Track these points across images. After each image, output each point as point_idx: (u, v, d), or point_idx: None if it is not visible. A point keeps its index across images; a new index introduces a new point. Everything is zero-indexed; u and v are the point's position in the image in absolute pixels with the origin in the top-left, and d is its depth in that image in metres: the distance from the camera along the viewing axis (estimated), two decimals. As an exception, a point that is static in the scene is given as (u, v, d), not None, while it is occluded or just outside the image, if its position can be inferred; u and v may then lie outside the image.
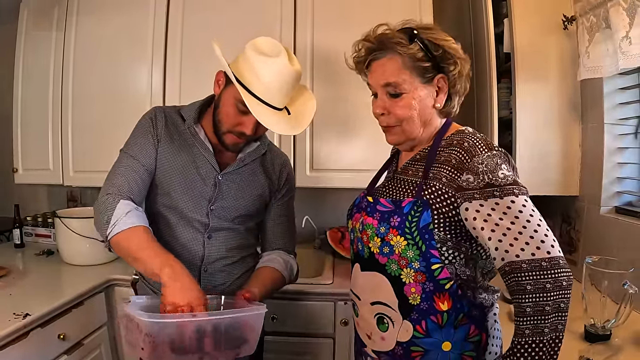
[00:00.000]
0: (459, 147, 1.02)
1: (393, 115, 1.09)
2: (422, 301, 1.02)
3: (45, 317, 1.63)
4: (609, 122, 1.73)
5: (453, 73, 1.06)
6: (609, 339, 1.33)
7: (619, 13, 1.48)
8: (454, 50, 1.06)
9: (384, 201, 1.09)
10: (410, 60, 1.04)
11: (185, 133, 1.39)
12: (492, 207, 0.94)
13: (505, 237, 0.90)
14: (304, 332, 1.92)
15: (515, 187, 0.95)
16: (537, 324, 0.85)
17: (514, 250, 0.89)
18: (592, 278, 1.37)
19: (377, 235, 1.05)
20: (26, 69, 2.43)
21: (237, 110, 1.28)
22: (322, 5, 2.16)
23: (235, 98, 1.26)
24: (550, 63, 1.88)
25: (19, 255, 2.38)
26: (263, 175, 1.47)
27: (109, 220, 1.21)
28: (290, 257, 1.53)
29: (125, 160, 1.33)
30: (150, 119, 1.38)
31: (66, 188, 2.69)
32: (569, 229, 2.01)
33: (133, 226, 1.19)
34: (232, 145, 1.34)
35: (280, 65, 1.23)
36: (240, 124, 1.29)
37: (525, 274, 0.86)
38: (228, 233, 1.42)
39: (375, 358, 1.13)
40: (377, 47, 1.08)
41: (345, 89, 2.10)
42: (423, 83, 1.06)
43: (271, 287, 1.39)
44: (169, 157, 1.36)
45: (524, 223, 0.90)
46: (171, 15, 2.23)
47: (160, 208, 1.40)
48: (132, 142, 1.36)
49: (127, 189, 1.27)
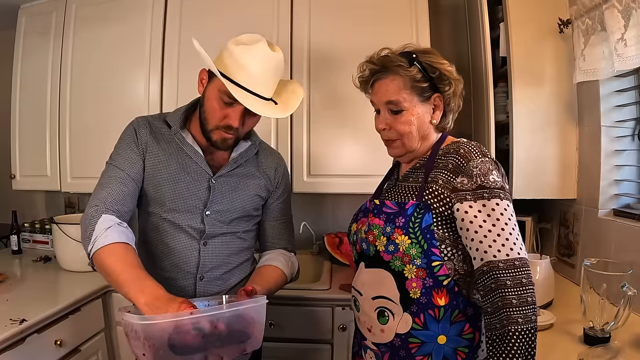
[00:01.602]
0: (456, 154, 1.12)
1: (394, 130, 1.20)
2: (421, 295, 1.11)
3: (42, 323, 1.62)
4: (606, 125, 1.73)
5: (448, 93, 1.18)
6: (608, 341, 1.32)
7: (614, 15, 1.48)
8: (449, 73, 1.18)
9: (390, 203, 1.19)
10: (410, 80, 1.16)
11: (172, 140, 1.37)
12: (479, 209, 1.06)
13: (486, 238, 1.03)
14: (302, 338, 1.91)
15: (501, 192, 1.07)
16: (527, 313, 0.97)
17: (491, 251, 1.02)
18: (591, 281, 1.36)
19: (384, 234, 1.15)
20: (24, 75, 2.44)
21: (222, 103, 1.26)
22: (319, 7, 2.18)
23: (219, 90, 1.25)
24: (547, 66, 1.88)
25: (17, 261, 2.37)
26: (258, 175, 1.46)
27: (90, 235, 1.18)
28: (291, 255, 1.54)
29: (110, 171, 1.31)
30: (134, 128, 1.37)
31: (64, 194, 2.69)
32: (567, 232, 2.00)
33: (112, 243, 1.16)
34: (220, 141, 1.31)
35: (260, 52, 1.23)
36: (226, 116, 1.27)
37: (502, 271, 1.00)
38: (224, 238, 1.41)
39: (374, 349, 1.20)
40: (380, 69, 1.19)
41: (342, 88, 2.11)
42: (421, 101, 1.18)
43: (273, 285, 1.39)
44: (157, 166, 1.35)
45: (502, 225, 1.04)
46: (168, 22, 2.25)
47: (152, 217, 1.38)
48: (116, 152, 1.35)
49: (111, 201, 1.25)
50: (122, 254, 1.16)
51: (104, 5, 2.31)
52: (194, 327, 1.07)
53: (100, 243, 1.16)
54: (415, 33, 2.10)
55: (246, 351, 1.19)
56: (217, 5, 2.20)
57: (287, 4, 2.19)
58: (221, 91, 1.25)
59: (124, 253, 1.16)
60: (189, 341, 1.06)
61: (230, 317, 1.12)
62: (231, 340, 1.13)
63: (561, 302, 1.69)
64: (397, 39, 2.00)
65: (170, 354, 1.05)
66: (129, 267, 1.14)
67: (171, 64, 2.24)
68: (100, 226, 1.19)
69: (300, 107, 2.14)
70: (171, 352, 1.05)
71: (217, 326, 1.09)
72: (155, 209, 1.37)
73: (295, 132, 2.18)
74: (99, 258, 1.16)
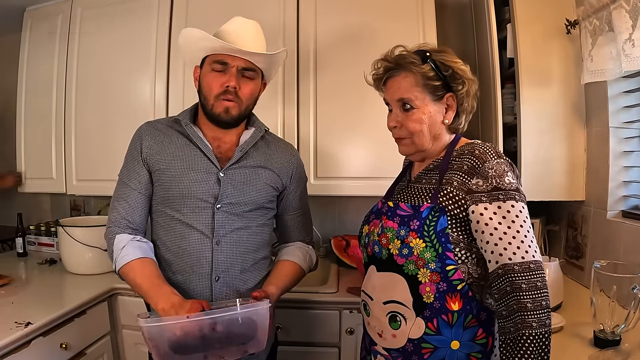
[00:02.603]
0: (471, 155, 1.11)
1: (405, 128, 1.19)
2: (435, 300, 1.10)
3: (48, 326, 1.62)
4: (614, 126, 1.73)
5: (461, 92, 1.17)
6: (618, 344, 1.31)
7: (622, 15, 1.48)
8: (462, 72, 1.16)
9: (404, 206, 1.18)
10: (423, 78, 1.15)
11: (178, 137, 1.42)
12: (494, 211, 1.05)
13: (501, 240, 1.02)
14: (309, 341, 1.90)
15: (517, 194, 1.06)
16: (541, 317, 0.97)
17: (507, 254, 1.01)
18: (601, 283, 1.35)
19: (398, 237, 1.13)
20: (30, 78, 2.44)
21: (216, 73, 1.36)
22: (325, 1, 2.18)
23: (210, 63, 1.37)
24: (554, 67, 1.88)
25: (22, 264, 2.38)
26: (269, 166, 1.47)
27: (110, 254, 1.36)
28: (309, 247, 1.58)
29: (119, 188, 1.42)
30: (138, 137, 1.44)
31: (69, 197, 2.69)
32: (576, 234, 1.99)
33: (128, 262, 1.30)
34: (224, 112, 1.37)
35: (236, 21, 1.40)
36: (222, 83, 1.35)
37: (518, 274, 0.99)
38: (237, 235, 1.40)
39: (385, 355, 1.18)
40: (394, 66, 1.19)
41: (349, 82, 2.11)
42: (433, 100, 1.17)
43: (290, 281, 1.45)
44: (164, 168, 1.38)
45: (517, 228, 1.03)
46: (174, 24, 2.25)
47: (164, 219, 1.41)
48: (124, 166, 1.44)
49: (121, 219, 1.37)
50: (139, 269, 1.31)
51: (109, 8, 2.32)
52: (196, 329, 1.16)
53: (120, 263, 1.32)
54: (422, 28, 2.09)
55: (248, 352, 1.24)
56: (223, 7, 2.19)
57: (292, 5, 2.20)
58: (213, 61, 1.36)
59: (140, 267, 1.31)
60: (188, 342, 1.16)
61: (229, 320, 1.19)
62: (231, 342, 1.21)
63: (570, 304, 1.68)
64: (405, 33, 2.05)
65: (170, 353, 1.15)
66: (146, 278, 1.29)
67: (177, 66, 2.24)
68: (116, 247, 1.34)
69: (307, 101, 2.17)
70: (171, 352, 1.15)
71: (215, 328, 1.18)
72: (166, 211, 1.39)
73: (302, 132, 2.17)
74: (123, 275, 1.33)
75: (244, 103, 1.39)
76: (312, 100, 2.16)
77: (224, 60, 1.34)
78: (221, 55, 1.34)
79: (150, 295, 1.26)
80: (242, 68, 1.36)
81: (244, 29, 1.38)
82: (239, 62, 1.35)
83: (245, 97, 1.39)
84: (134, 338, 2.01)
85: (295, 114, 2.17)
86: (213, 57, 1.36)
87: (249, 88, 1.39)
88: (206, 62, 1.39)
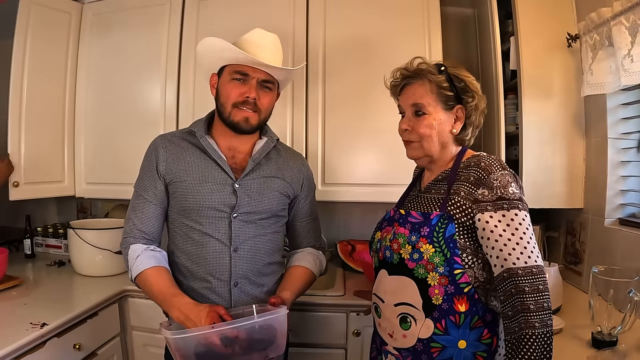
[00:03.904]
0: (477, 167, 1.18)
1: (415, 132, 1.26)
2: (443, 302, 1.16)
3: (62, 327, 1.65)
4: (613, 137, 1.78)
5: (470, 105, 1.25)
6: (615, 345, 1.36)
7: (622, 32, 1.53)
8: (474, 86, 1.25)
9: (415, 213, 1.24)
10: (437, 87, 1.23)
11: (192, 150, 1.45)
12: (499, 219, 1.11)
13: (505, 246, 1.08)
14: (316, 343, 1.94)
15: (520, 203, 1.13)
16: (543, 317, 1.03)
17: (511, 259, 1.07)
18: (598, 287, 1.41)
19: (409, 243, 1.20)
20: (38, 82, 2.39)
21: (236, 82, 1.40)
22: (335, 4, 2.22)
23: (231, 72, 1.40)
24: (555, 80, 1.93)
25: (30, 265, 2.40)
26: (281, 174, 1.51)
27: (126, 263, 1.40)
28: (319, 252, 1.62)
29: (134, 200, 1.46)
30: (154, 150, 1.46)
31: (77, 200, 2.71)
32: (574, 241, 2.05)
33: (142, 271, 1.35)
34: (243, 121, 1.41)
35: (257, 33, 1.43)
36: (242, 93, 1.39)
37: (521, 278, 1.05)
38: (254, 242, 1.45)
39: (396, 354, 1.25)
40: (412, 75, 1.27)
41: (357, 85, 2.15)
42: (444, 109, 1.24)
43: (302, 286, 1.50)
44: (180, 181, 1.42)
45: (521, 235, 1.09)
46: (185, 30, 2.28)
47: (182, 229, 1.44)
48: (139, 178, 1.48)
49: (135, 230, 1.42)
50: (153, 278, 1.35)
51: (120, 13, 2.34)
52: (219, 338, 1.20)
53: (135, 272, 1.36)
54: (428, 40, 2.14)
55: (269, 357, 1.28)
56: (234, 15, 2.23)
57: (302, 13, 2.23)
58: (233, 71, 1.40)
59: (154, 277, 1.35)
60: (213, 350, 1.20)
61: (251, 327, 1.23)
62: (253, 348, 1.25)
63: (569, 308, 1.73)
64: (411, 43, 2.10)
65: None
66: (159, 287, 1.34)
67: (187, 72, 2.26)
68: (131, 257, 1.38)
69: (315, 109, 2.20)
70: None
71: (238, 336, 1.22)
72: (183, 221, 1.43)
73: (310, 139, 2.21)
74: (138, 284, 1.38)
75: (263, 113, 1.44)
76: (321, 108, 2.20)
77: (245, 72, 1.39)
78: (242, 67, 1.38)
79: (164, 305, 1.32)
80: (262, 80, 1.40)
81: (265, 42, 1.42)
82: (259, 74, 1.39)
83: (264, 107, 1.43)
84: (144, 339, 2.04)
85: (304, 121, 2.21)
86: (234, 67, 1.40)
87: (268, 99, 1.44)
88: (225, 71, 1.43)
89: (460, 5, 2.48)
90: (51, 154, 2.34)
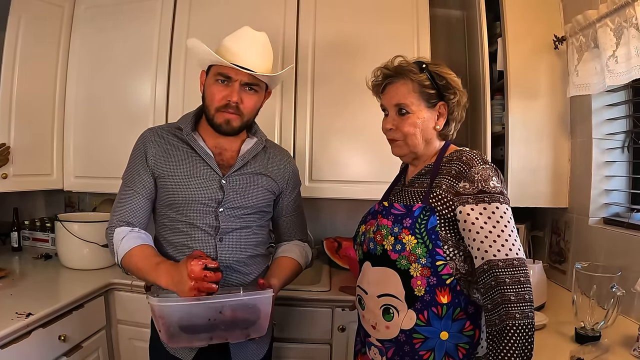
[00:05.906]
0: (459, 161, 1.20)
1: (399, 131, 1.28)
2: (425, 293, 1.17)
3: (47, 318, 1.64)
4: (597, 137, 1.81)
5: (452, 101, 1.26)
6: (598, 339, 1.39)
7: (607, 34, 1.56)
8: (455, 83, 1.27)
9: (398, 206, 1.25)
10: (419, 86, 1.24)
11: (181, 146, 1.45)
12: (480, 212, 1.13)
13: (486, 238, 1.10)
14: (301, 338, 1.95)
15: (501, 197, 1.15)
16: (524, 309, 1.03)
17: (491, 251, 1.08)
18: (582, 283, 1.43)
19: (391, 234, 1.21)
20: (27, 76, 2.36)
21: (219, 85, 1.39)
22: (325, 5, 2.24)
23: (215, 74, 1.39)
24: (542, 81, 1.96)
25: (17, 258, 2.39)
26: (267, 173, 1.52)
27: (112, 249, 1.39)
28: (305, 245, 1.63)
29: (122, 191, 1.46)
30: (142, 144, 1.46)
31: (65, 193, 2.70)
32: (559, 240, 2.07)
33: (128, 250, 1.34)
34: (225, 123, 1.41)
35: (244, 33, 1.41)
36: (224, 96, 1.38)
37: (502, 270, 1.06)
38: (239, 233, 1.46)
39: (379, 346, 1.25)
40: (393, 74, 1.28)
41: (345, 85, 2.17)
42: (427, 107, 1.26)
43: (289, 275, 1.51)
44: (168, 175, 1.42)
45: (502, 227, 1.11)
46: (176, 25, 2.28)
47: (168, 222, 1.45)
48: (127, 169, 1.47)
49: (120, 218, 1.41)
50: (139, 254, 1.34)
51: (111, 8, 2.34)
52: (203, 311, 1.21)
53: (121, 253, 1.36)
54: (417, 41, 2.16)
55: (250, 337, 1.30)
56: (225, 11, 2.24)
57: (292, 12, 2.25)
58: (216, 73, 1.38)
59: (140, 252, 1.35)
60: (196, 322, 1.22)
61: (236, 305, 1.25)
62: (235, 326, 1.27)
63: (553, 305, 1.76)
64: (399, 43, 2.12)
65: (179, 332, 1.22)
66: (145, 260, 1.33)
67: (178, 67, 2.27)
68: (116, 239, 1.37)
69: (304, 106, 2.21)
70: (180, 331, 1.21)
71: (222, 312, 1.24)
72: (170, 214, 1.44)
73: (298, 135, 2.22)
74: (125, 265, 1.36)
75: (246, 116, 1.43)
76: (309, 105, 2.22)
77: (227, 74, 1.37)
78: (225, 69, 1.36)
79: (151, 275, 1.30)
80: (245, 82, 1.39)
81: (251, 43, 1.40)
82: (242, 76, 1.37)
83: (247, 110, 1.42)
84: (129, 333, 2.04)
85: (292, 118, 2.22)
86: (218, 68, 1.38)
87: (252, 102, 1.42)
88: (211, 71, 1.41)
89: (449, 7, 2.51)
90: (40, 147, 2.33)
